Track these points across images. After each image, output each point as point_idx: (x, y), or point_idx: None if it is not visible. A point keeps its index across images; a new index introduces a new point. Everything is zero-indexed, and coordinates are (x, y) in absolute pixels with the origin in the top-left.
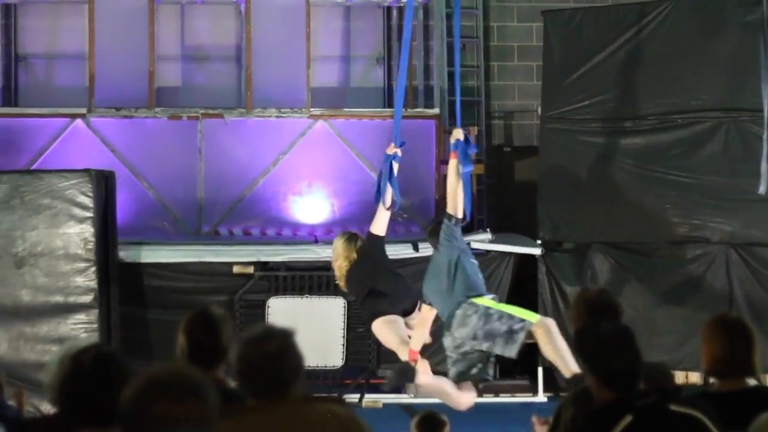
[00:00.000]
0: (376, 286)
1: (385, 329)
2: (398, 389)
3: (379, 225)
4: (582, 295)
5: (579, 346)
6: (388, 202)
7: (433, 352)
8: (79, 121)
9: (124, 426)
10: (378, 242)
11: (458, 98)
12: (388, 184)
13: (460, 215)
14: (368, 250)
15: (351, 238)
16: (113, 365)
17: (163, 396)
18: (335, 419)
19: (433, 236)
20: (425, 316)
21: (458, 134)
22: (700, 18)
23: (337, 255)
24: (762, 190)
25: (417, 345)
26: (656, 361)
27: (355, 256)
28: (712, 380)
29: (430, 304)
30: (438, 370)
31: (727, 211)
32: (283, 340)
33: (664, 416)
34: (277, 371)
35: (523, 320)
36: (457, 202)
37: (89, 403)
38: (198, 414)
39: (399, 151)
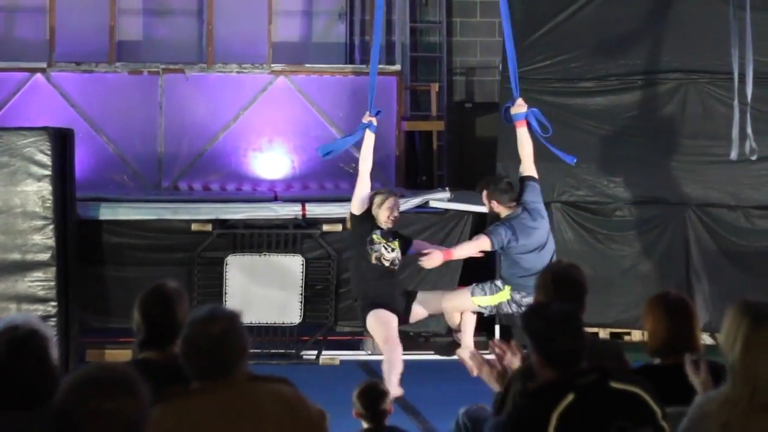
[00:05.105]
0: None
1: None
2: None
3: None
4: (552, 266)
5: (526, 324)
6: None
7: None
8: (39, 76)
9: (57, 423)
10: None
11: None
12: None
13: None
14: None
15: None
16: (28, 348)
17: (94, 393)
18: (281, 398)
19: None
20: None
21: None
22: None
23: None
24: (733, 155)
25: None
26: (610, 340)
27: None
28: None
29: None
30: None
31: (686, 172)
32: (228, 322)
33: (605, 393)
34: (221, 353)
35: None
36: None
37: (6, 389)
38: (129, 409)
39: (375, 120)
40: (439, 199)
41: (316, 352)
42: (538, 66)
